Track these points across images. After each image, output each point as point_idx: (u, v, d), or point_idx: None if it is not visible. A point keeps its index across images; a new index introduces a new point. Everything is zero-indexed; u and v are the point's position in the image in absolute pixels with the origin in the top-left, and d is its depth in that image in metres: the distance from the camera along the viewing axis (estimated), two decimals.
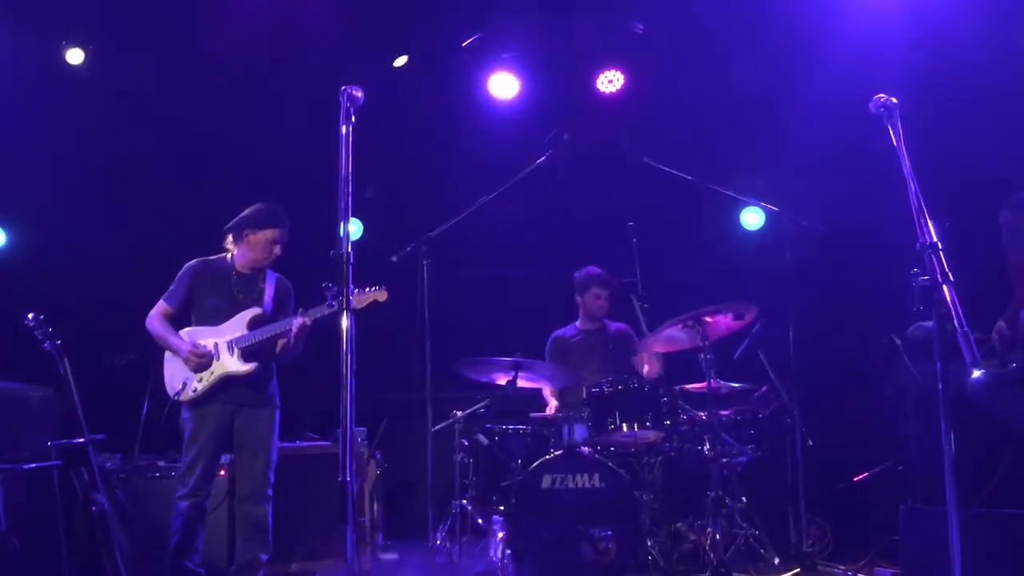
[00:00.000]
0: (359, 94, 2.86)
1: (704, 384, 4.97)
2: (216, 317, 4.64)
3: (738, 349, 5.46)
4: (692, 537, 4.99)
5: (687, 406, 5.18)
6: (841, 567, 4.92)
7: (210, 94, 6.60)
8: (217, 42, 6.39)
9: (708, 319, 4.96)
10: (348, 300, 2.59)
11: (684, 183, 5.65)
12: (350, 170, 2.69)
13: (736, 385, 5.26)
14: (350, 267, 2.61)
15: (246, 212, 4.74)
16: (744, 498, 5.11)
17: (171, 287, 4.73)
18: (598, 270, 5.88)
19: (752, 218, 7.45)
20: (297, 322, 4.48)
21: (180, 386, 4.56)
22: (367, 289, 4.43)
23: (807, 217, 5.40)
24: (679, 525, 5.10)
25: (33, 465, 3.88)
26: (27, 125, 6.03)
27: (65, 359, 4.22)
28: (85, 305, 6.25)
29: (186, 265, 4.77)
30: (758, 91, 6.79)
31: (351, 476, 2.42)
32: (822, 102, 6.44)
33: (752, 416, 5.24)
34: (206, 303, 4.68)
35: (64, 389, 4.20)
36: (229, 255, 4.79)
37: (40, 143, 6.10)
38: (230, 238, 4.76)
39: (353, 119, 2.78)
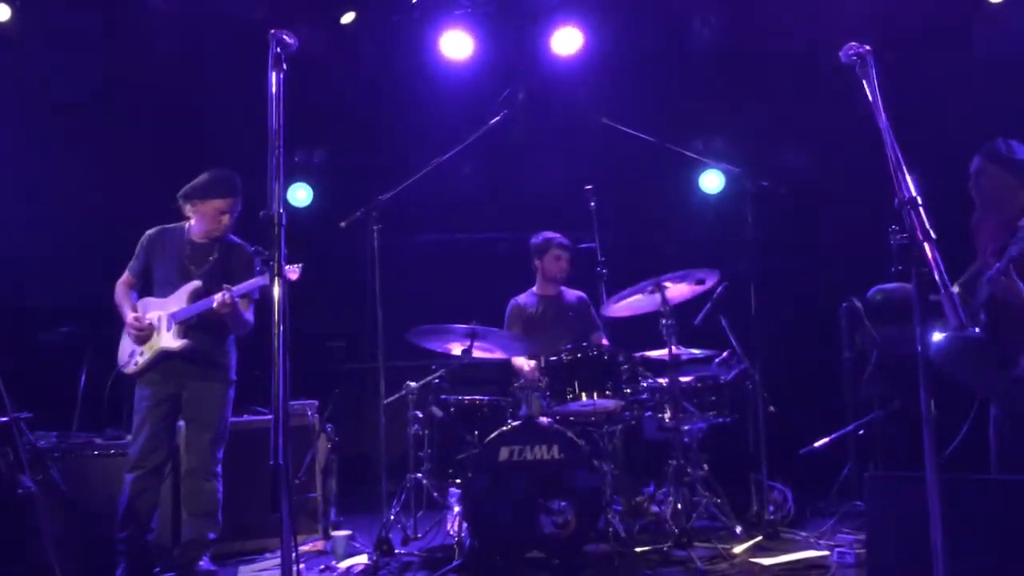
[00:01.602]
0: (291, 40, 2.62)
1: (665, 351, 4.86)
2: (167, 288, 4.47)
3: (699, 314, 5.35)
4: (654, 510, 4.91)
5: (647, 373, 5.08)
6: (803, 534, 4.86)
7: (148, 52, 6.27)
8: None
9: (668, 284, 4.85)
10: (281, 265, 2.36)
11: (643, 145, 5.49)
12: (282, 123, 2.46)
13: (697, 351, 5.15)
14: (282, 229, 2.38)
15: (197, 180, 4.51)
16: (705, 466, 5.03)
17: (134, 256, 4.58)
18: (556, 234, 5.73)
19: (712, 181, 7.35)
20: (216, 298, 4.27)
21: (127, 357, 4.45)
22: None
23: (768, 178, 5.27)
24: (639, 499, 5.01)
25: None
26: None
27: None
28: (17, 279, 5.92)
29: (145, 233, 4.59)
30: (719, 49, 6.64)
31: (285, 458, 2.21)
32: (783, 61, 6.33)
33: (713, 382, 5.15)
34: (159, 273, 4.51)
35: None
36: (187, 224, 4.56)
37: None
38: (188, 206, 4.52)
39: (284, 67, 2.55)
